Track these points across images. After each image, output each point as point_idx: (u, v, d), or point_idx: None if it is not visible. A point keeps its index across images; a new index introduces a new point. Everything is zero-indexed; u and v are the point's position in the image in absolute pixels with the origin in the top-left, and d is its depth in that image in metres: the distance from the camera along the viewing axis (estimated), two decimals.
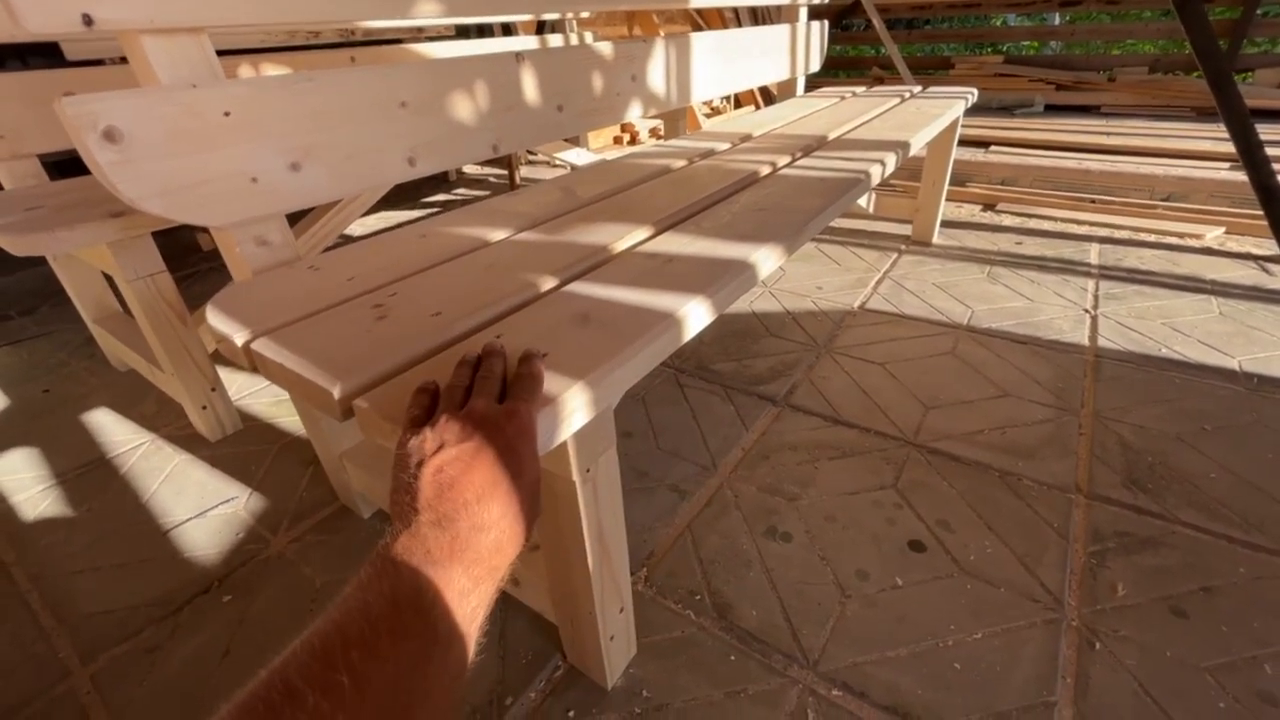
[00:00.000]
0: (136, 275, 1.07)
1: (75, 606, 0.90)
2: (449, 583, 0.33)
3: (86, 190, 1.17)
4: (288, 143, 0.75)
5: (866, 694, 0.74)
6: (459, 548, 0.34)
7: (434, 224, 0.89)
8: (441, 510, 0.35)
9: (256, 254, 0.77)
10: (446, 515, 0.35)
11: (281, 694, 0.26)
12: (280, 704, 0.26)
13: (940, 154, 1.88)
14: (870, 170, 1.05)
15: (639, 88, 1.30)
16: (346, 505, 1.05)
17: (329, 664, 0.27)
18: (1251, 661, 0.75)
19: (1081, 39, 4.15)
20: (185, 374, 1.18)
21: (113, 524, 1.05)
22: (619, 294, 0.63)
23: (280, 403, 1.36)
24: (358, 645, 0.28)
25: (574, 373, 0.49)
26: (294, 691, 0.26)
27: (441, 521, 0.35)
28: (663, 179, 1.08)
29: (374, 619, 0.30)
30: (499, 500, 0.37)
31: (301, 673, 0.27)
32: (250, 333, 0.60)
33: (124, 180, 0.63)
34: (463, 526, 0.35)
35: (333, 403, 0.50)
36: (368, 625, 0.29)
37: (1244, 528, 0.93)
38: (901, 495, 1.02)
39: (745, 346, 1.50)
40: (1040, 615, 0.82)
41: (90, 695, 0.78)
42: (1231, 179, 2.14)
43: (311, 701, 0.26)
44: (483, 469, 0.37)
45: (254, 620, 0.87)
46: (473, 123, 0.97)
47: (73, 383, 1.48)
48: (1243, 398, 1.21)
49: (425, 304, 0.63)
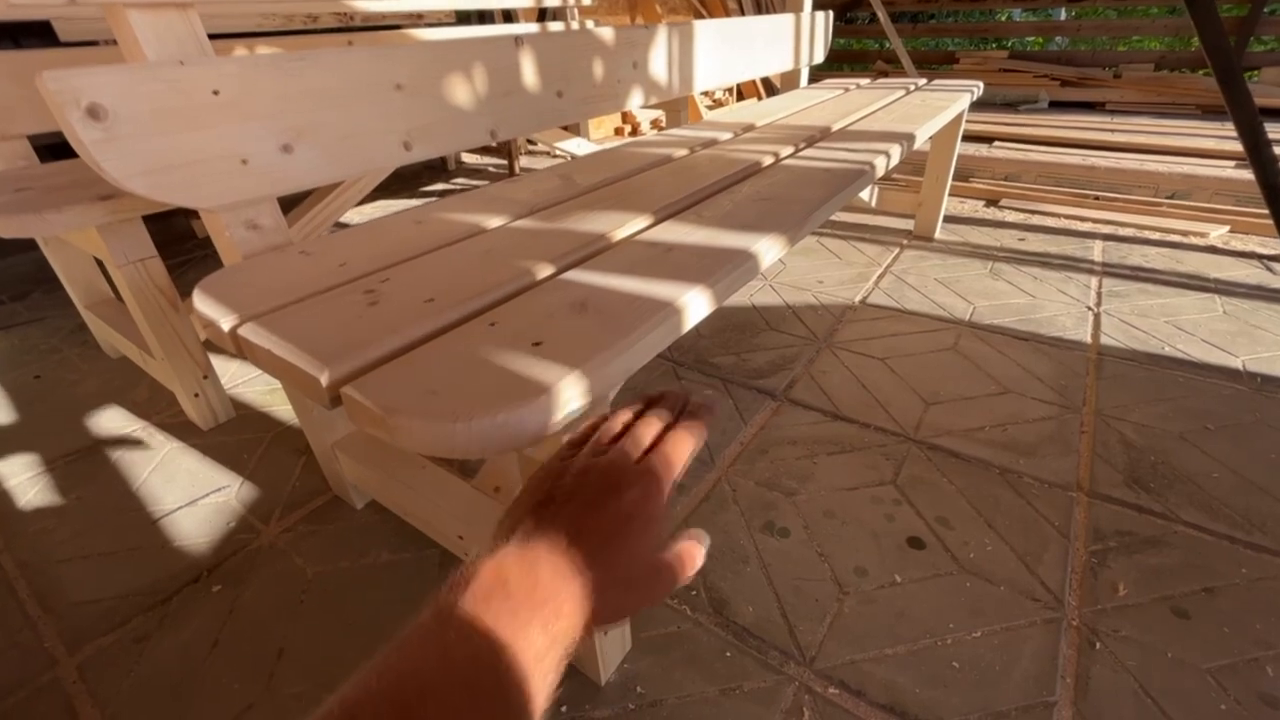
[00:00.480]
0: (126, 260, 1.05)
1: (62, 595, 0.89)
2: (528, 643, 0.29)
3: (77, 173, 1.15)
4: (279, 124, 0.73)
5: (864, 692, 0.73)
6: (540, 599, 0.30)
7: (430, 210, 0.87)
8: (531, 550, 0.32)
9: (247, 238, 0.76)
10: (532, 556, 0.32)
11: None
12: None
13: (944, 148, 1.86)
14: (875, 162, 1.03)
15: (640, 75, 1.28)
16: (339, 495, 1.04)
17: (403, 716, 0.25)
18: (1253, 663, 0.74)
19: (1088, 35, 4.12)
20: (177, 361, 1.16)
21: (102, 512, 1.03)
22: (617, 282, 0.62)
23: (273, 391, 1.35)
24: (434, 698, 0.26)
25: (570, 361, 0.48)
26: None
27: (526, 564, 0.32)
28: (664, 168, 1.06)
29: (452, 669, 0.27)
30: (587, 558, 0.33)
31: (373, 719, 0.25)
32: (237, 318, 0.58)
33: (109, 159, 0.61)
34: (545, 574, 0.31)
35: (321, 390, 0.49)
36: (444, 676, 0.27)
37: (1246, 528, 0.92)
38: (901, 491, 1.01)
39: (745, 340, 1.48)
40: (1040, 614, 0.81)
41: (76, 685, 0.77)
42: (1237, 177, 2.12)
43: None
44: (578, 520, 0.34)
45: (244, 611, 0.85)
46: (470, 107, 0.95)
47: (64, 369, 1.47)
48: (1246, 397, 1.20)
49: (418, 290, 0.62)
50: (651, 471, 0.37)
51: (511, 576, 0.31)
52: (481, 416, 0.42)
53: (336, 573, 0.91)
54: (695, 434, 0.41)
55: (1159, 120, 3.09)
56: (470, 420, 0.42)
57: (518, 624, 0.29)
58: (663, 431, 0.41)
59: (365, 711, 0.25)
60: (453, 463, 1.13)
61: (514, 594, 0.30)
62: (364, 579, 0.89)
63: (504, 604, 0.29)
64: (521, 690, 0.28)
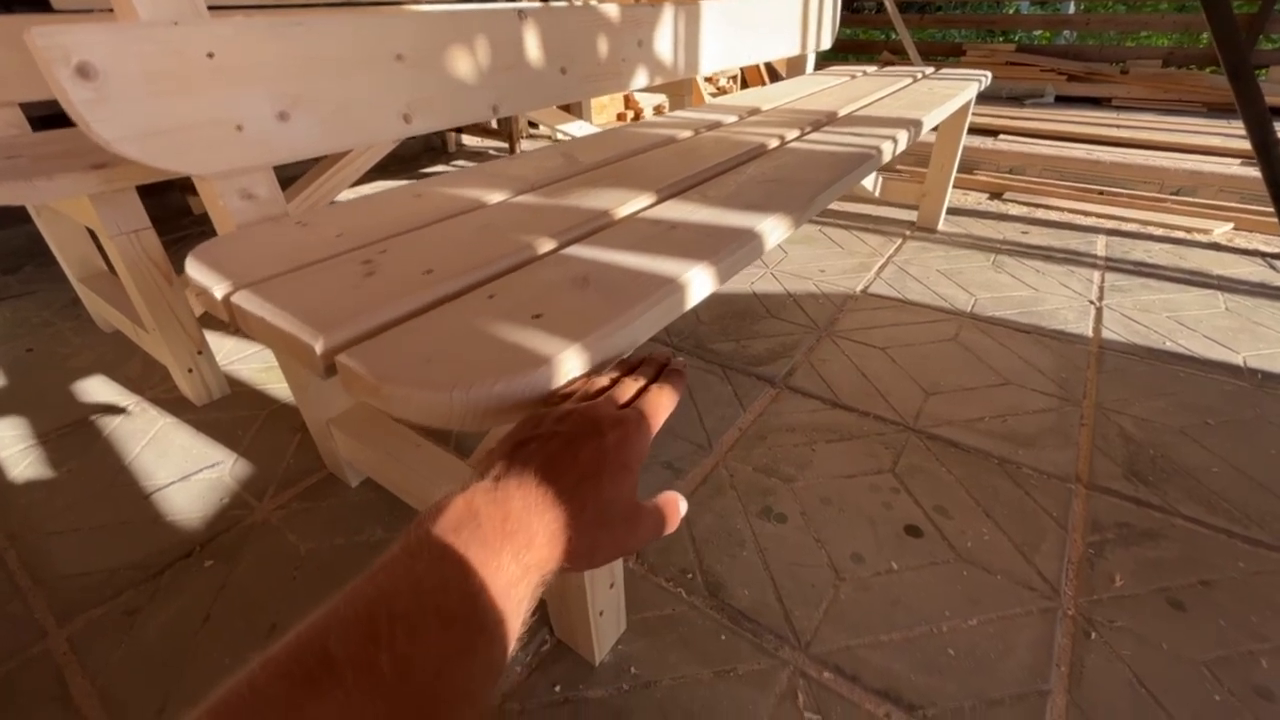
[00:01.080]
0: (119, 230, 1.03)
1: (53, 567, 0.88)
2: (498, 569, 0.29)
3: (69, 142, 1.13)
4: (275, 90, 0.71)
5: (859, 677, 0.72)
6: (510, 529, 0.31)
7: (429, 184, 0.85)
8: (504, 485, 0.33)
9: (242, 208, 0.74)
10: (505, 491, 0.32)
11: (318, 662, 0.24)
12: (317, 675, 0.23)
13: (950, 138, 1.84)
14: (882, 146, 1.01)
15: (645, 54, 1.25)
16: (334, 473, 1.03)
17: (371, 638, 0.25)
18: (1248, 656, 0.74)
19: (1096, 29, 4.08)
20: (171, 335, 1.14)
21: (94, 486, 1.02)
22: (620, 258, 0.61)
23: (269, 369, 1.33)
24: (403, 622, 0.26)
25: (571, 334, 0.47)
26: (331, 664, 0.24)
27: (498, 497, 0.32)
28: (668, 148, 1.04)
29: (422, 595, 0.27)
30: (561, 493, 0.33)
31: (341, 641, 0.25)
32: (231, 285, 0.57)
33: (99, 120, 0.59)
34: (516, 505, 0.32)
35: (315, 358, 0.48)
36: (415, 601, 0.27)
37: (1244, 523, 0.92)
38: (899, 480, 1.01)
39: (745, 327, 1.47)
40: (1036, 604, 0.81)
41: (67, 656, 0.76)
42: (1242, 174, 2.11)
43: (350, 679, 0.23)
44: (555, 458, 0.35)
45: (236, 586, 0.85)
46: (472, 80, 0.93)
47: (56, 342, 1.45)
48: (1247, 393, 1.20)
49: (417, 262, 0.60)
50: (630, 419, 0.39)
51: (481, 508, 0.31)
52: (479, 386, 0.41)
53: (330, 550, 0.90)
54: (673, 392, 0.44)
55: (1165, 117, 3.07)
56: (467, 389, 0.41)
57: (488, 552, 0.29)
58: (642, 389, 0.44)
59: (334, 635, 0.25)
60: (448, 441, 1.12)
61: (484, 524, 0.30)
62: (358, 557, 0.89)
63: (474, 534, 0.30)
64: (492, 615, 0.28)
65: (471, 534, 0.30)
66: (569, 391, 0.43)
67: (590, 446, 0.36)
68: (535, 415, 0.39)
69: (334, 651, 0.24)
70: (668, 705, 0.70)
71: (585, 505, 0.34)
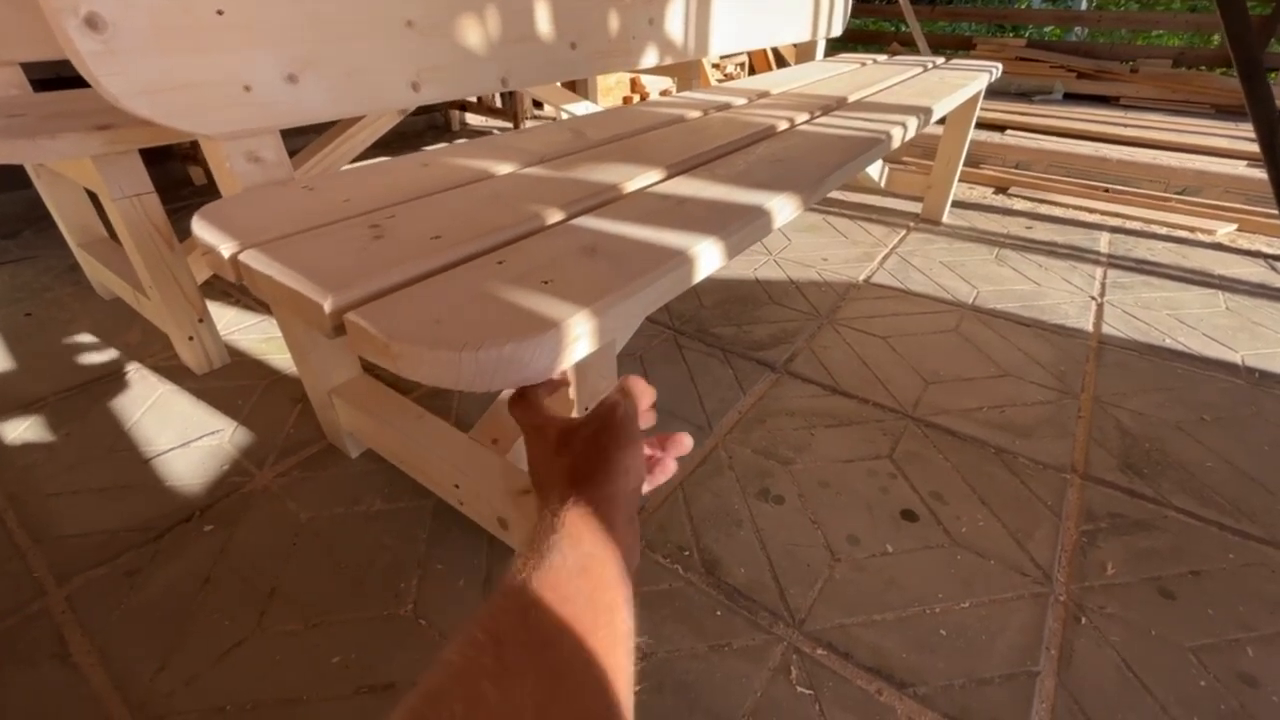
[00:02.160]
0: (122, 194, 1.02)
1: (52, 528, 0.88)
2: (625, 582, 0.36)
3: (73, 103, 1.12)
4: (285, 52, 0.70)
5: (851, 654, 0.73)
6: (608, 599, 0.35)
7: (437, 154, 0.85)
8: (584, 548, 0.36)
9: (248, 170, 0.74)
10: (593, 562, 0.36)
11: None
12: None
13: (958, 130, 1.83)
14: (892, 132, 1.01)
15: (656, 32, 1.24)
16: (334, 444, 1.03)
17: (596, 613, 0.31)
18: (1234, 644, 0.75)
19: (1107, 27, 4.06)
20: (172, 302, 1.14)
21: (93, 450, 1.02)
22: (629, 230, 0.60)
23: (270, 339, 1.33)
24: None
25: (581, 299, 0.47)
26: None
27: (589, 566, 0.35)
28: (676, 127, 1.04)
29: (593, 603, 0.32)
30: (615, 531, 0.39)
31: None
32: (238, 244, 0.57)
33: (107, 74, 0.59)
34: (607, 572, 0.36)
35: (324, 317, 0.47)
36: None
37: (1235, 516, 0.93)
38: (896, 466, 1.02)
39: (747, 312, 1.47)
40: (1029, 589, 0.82)
41: (66, 614, 0.77)
42: (1248, 176, 2.11)
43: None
44: (612, 499, 0.39)
45: (236, 550, 0.85)
46: (482, 51, 0.92)
47: (56, 308, 1.44)
48: (1244, 391, 1.21)
49: (424, 228, 0.60)
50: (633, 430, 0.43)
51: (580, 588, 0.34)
52: (489, 347, 0.41)
53: (330, 518, 0.90)
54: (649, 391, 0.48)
55: (1173, 117, 3.06)
56: (478, 350, 0.41)
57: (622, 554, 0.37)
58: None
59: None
60: (449, 413, 1.12)
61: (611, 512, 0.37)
62: (358, 525, 0.89)
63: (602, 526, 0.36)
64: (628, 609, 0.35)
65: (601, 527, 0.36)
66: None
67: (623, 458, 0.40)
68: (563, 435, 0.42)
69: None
70: (663, 677, 0.71)
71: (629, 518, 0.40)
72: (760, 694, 0.69)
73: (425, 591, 0.80)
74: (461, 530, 0.88)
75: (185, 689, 0.69)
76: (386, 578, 0.82)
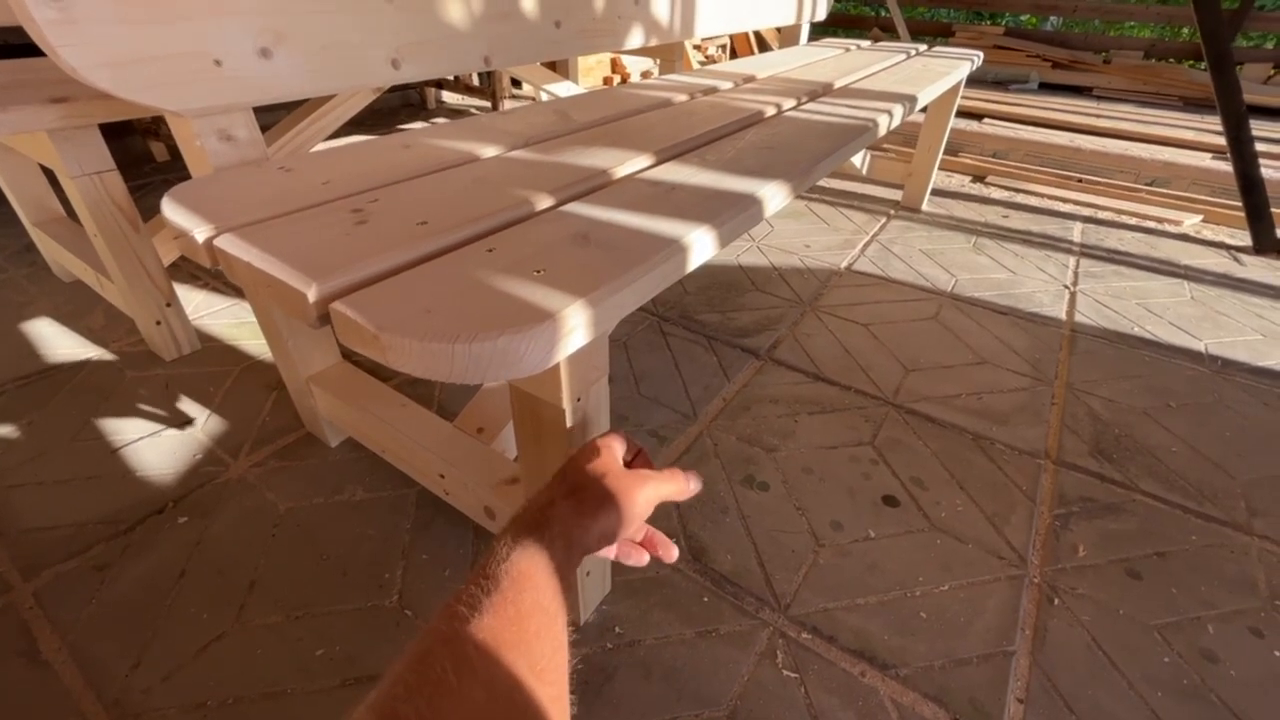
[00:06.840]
0: (81, 171, 0.97)
1: (15, 521, 0.85)
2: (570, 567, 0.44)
3: (27, 72, 1.05)
4: (257, 23, 0.67)
5: (835, 638, 0.75)
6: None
7: (418, 135, 0.82)
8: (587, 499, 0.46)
9: (220, 150, 0.70)
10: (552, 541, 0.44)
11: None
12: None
13: (939, 118, 1.84)
14: (878, 119, 1.01)
15: (641, 12, 1.22)
16: (312, 432, 1.01)
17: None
18: (1196, 622, 0.79)
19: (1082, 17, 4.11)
20: (137, 286, 1.09)
21: (56, 439, 0.98)
22: (620, 217, 0.59)
23: (241, 324, 1.29)
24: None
25: (574, 290, 0.46)
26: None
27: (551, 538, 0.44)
28: (663, 111, 1.02)
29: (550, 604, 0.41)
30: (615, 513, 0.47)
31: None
32: (214, 228, 0.54)
33: (65, 44, 0.55)
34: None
35: (308, 306, 0.46)
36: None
37: (1198, 499, 0.97)
38: (878, 452, 1.03)
39: (730, 299, 1.47)
40: (1005, 571, 0.84)
41: (33, 610, 0.74)
42: (1214, 168, 2.17)
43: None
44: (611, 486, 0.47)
45: (212, 542, 0.83)
46: (464, 28, 0.89)
47: (10, 290, 1.37)
48: (1206, 379, 1.25)
49: (409, 213, 0.58)
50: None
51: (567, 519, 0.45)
52: (482, 339, 0.40)
53: (310, 509, 0.89)
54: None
55: (1143, 109, 3.13)
56: (470, 342, 0.40)
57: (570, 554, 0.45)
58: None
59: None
60: (431, 401, 1.10)
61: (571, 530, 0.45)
62: (339, 515, 0.88)
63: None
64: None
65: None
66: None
67: (621, 484, 0.48)
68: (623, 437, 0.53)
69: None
70: (651, 662, 0.71)
71: (615, 521, 0.47)
72: (747, 678, 0.70)
73: (410, 582, 0.79)
74: (446, 519, 0.87)
75: (162, 685, 0.67)
76: (370, 568, 0.80)
